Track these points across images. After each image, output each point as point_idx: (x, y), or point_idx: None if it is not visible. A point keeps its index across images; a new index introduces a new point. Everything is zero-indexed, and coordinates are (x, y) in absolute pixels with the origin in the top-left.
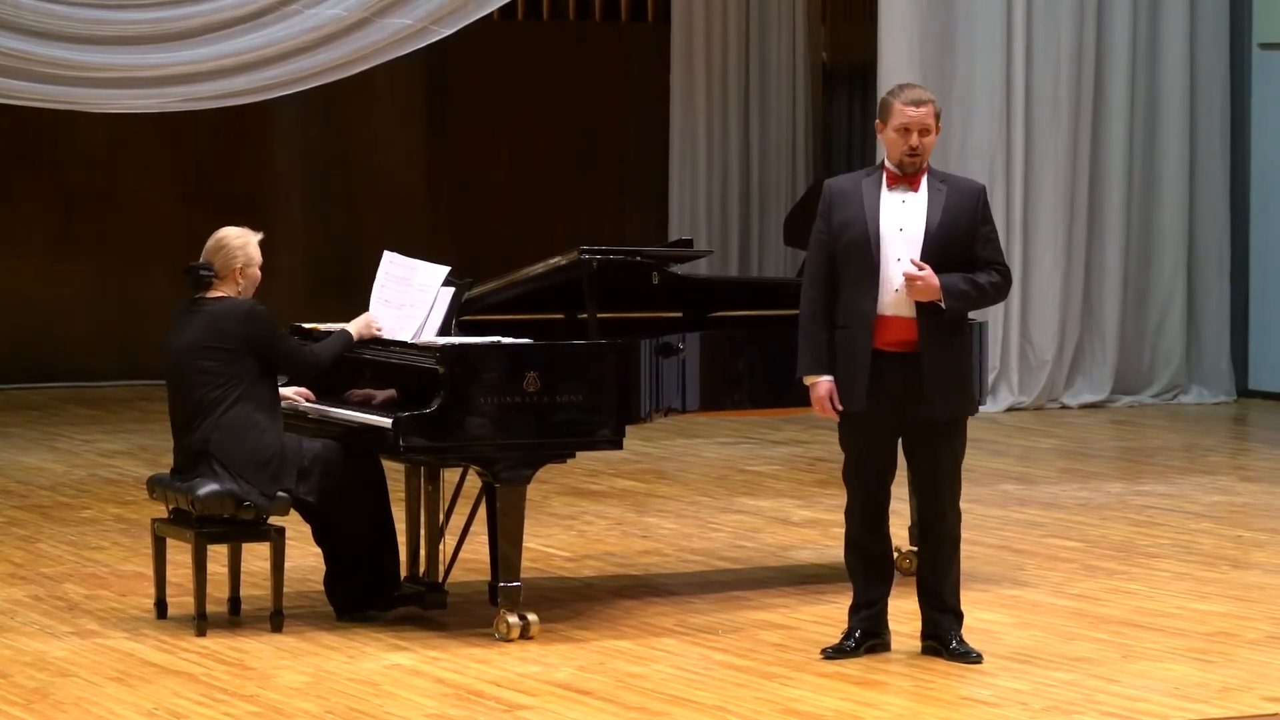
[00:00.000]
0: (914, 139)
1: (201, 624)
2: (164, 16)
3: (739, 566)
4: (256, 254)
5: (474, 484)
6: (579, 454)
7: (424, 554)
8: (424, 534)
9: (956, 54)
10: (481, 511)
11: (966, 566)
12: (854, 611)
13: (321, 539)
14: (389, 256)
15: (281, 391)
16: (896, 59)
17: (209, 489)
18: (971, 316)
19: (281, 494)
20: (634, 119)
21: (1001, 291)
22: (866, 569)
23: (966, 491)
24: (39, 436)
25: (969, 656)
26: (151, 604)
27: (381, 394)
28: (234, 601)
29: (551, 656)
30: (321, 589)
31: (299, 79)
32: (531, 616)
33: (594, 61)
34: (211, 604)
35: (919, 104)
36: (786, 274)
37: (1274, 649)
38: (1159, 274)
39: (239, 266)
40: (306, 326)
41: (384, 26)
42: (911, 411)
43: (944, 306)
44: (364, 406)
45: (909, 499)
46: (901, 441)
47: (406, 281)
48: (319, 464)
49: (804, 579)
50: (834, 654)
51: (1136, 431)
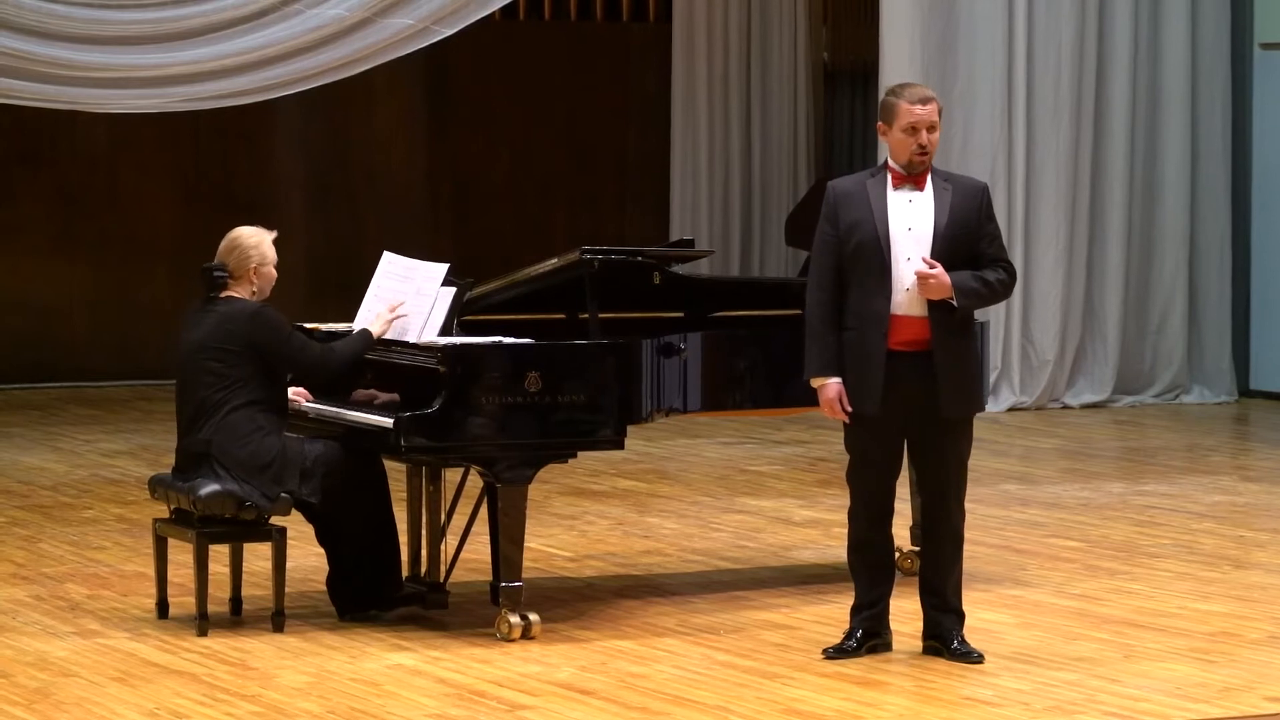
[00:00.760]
0: (923, 137)
1: (203, 624)
2: (165, 16)
3: (740, 566)
4: (271, 253)
5: (475, 484)
6: (580, 454)
7: (425, 554)
8: (425, 534)
9: (958, 54)
10: (483, 511)
11: (968, 566)
12: (856, 612)
13: (323, 539)
14: (388, 257)
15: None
16: (898, 59)
17: (210, 489)
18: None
19: (283, 495)
20: (635, 119)
21: (1008, 289)
22: (869, 569)
23: (968, 492)
24: (40, 436)
25: (970, 656)
26: (153, 604)
27: (385, 395)
28: (235, 601)
29: (553, 656)
30: (323, 589)
31: (300, 79)
32: (533, 616)
33: (595, 61)
34: (213, 604)
35: (925, 102)
36: (788, 274)
37: (1275, 649)
38: (1160, 274)
39: (253, 266)
40: (308, 326)
41: (385, 26)
42: (923, 411)
43: (955, 304)
44: (365, 406)
45: (911, 499)
46: (908, 441)
47: (407, 281)
48: (321, 465)
49: (805, 579)
50: (835, 654)
51: (1138, 431)
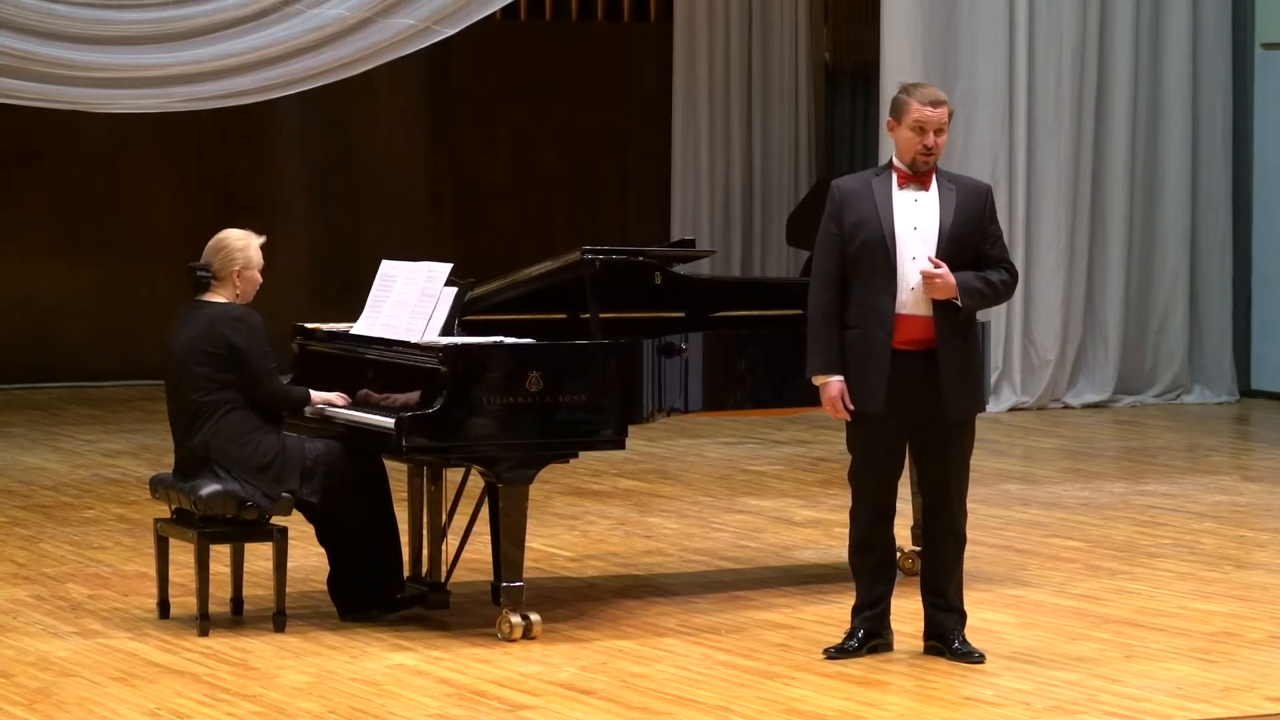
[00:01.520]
0: (929, 138)
1: (204, 624)
2: (166, 16)
3: (741, 566)
4: (257, 257)
5: (476, 484)
6: (581, 454)
7: (426, 554)
8: (426, 534)
9: (959, 54)
10: (484, 511)
11: (969, 567)
12: (857, 612)
13: (324, 539)
14: (386, 264)
15: (317, 395)
16: (899, 59)
17: (212, 489)
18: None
19: (285, 495)
20: (636, 119)
21: (1010, 290)
22: (871, 569)
23: (969, 492)
24: (41, 436)
25: (971, 656)
26: (154, 604)
27: (403, 396)
28: (236, 601)
29: (554, 656)
30: (323, 589)
31: (301, 79)
32: (534, 616)
33: (596, 61)
34: (214, 604)
35: (936, 104)
36: (789, 274)
37: (1276, 649)
38: (1161, 274)
39: (237, 269)
40: (309, 326)
41: (386, 26)
42: (927, 410)
43: (960, 304)
44: (366, 406)
45: (912, 499)
46: (910, 441)
47: (408, 283)
48: (322, 464)
49: (806, 579)
50: (837, 654)
51: (1139, 431)
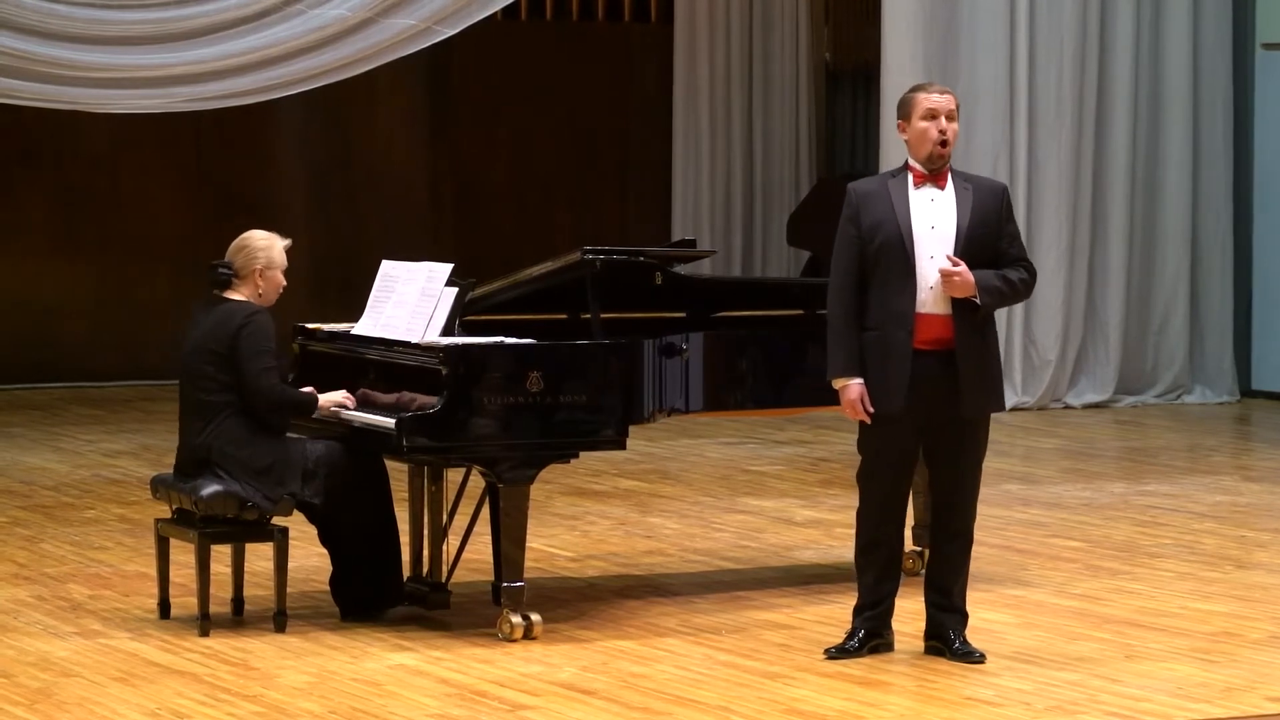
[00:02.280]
0: (942, 123)
1: (205, 624)
2: (167, 17)
3: (742, 567)
4: (280, 258)
5: (477, 484)
6: (582, 454)
7: (427, 554)
8: (427, 534)
9: (959, 54)
10: (484, 512)
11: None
12: (859, 611)
13: (326, 540)
14: (387, 265)
15: (325, 398)
16: (900, 59)
17: (212, 489)
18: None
19: (286, 496)
20: (637, 119)
21: (1029, 288)
22: (878, 570)
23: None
24: (42, 437)
25: (971, 656)
26: (155, 604)
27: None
28: (237, 602)
29: (555, 656)
30: (324, 589)
31: (302, 79)
32: (535, 616)
33: (597, 62)
34: (215, 604)
35: (943, 93)
36: (790, 274)
37: (1277, 649)
38: (1162, 274)
39: (259, 268)
40: (310, 326)
41: (387, 27)
42: (944, 410)
43: (979, 302)
44: (366, 407)
45: (915, 498)
46: (925, 441)
47: (409, 283)
48: (323, 465)
49: (807, 579)
50: (837, 654)
51: (1139, 432)
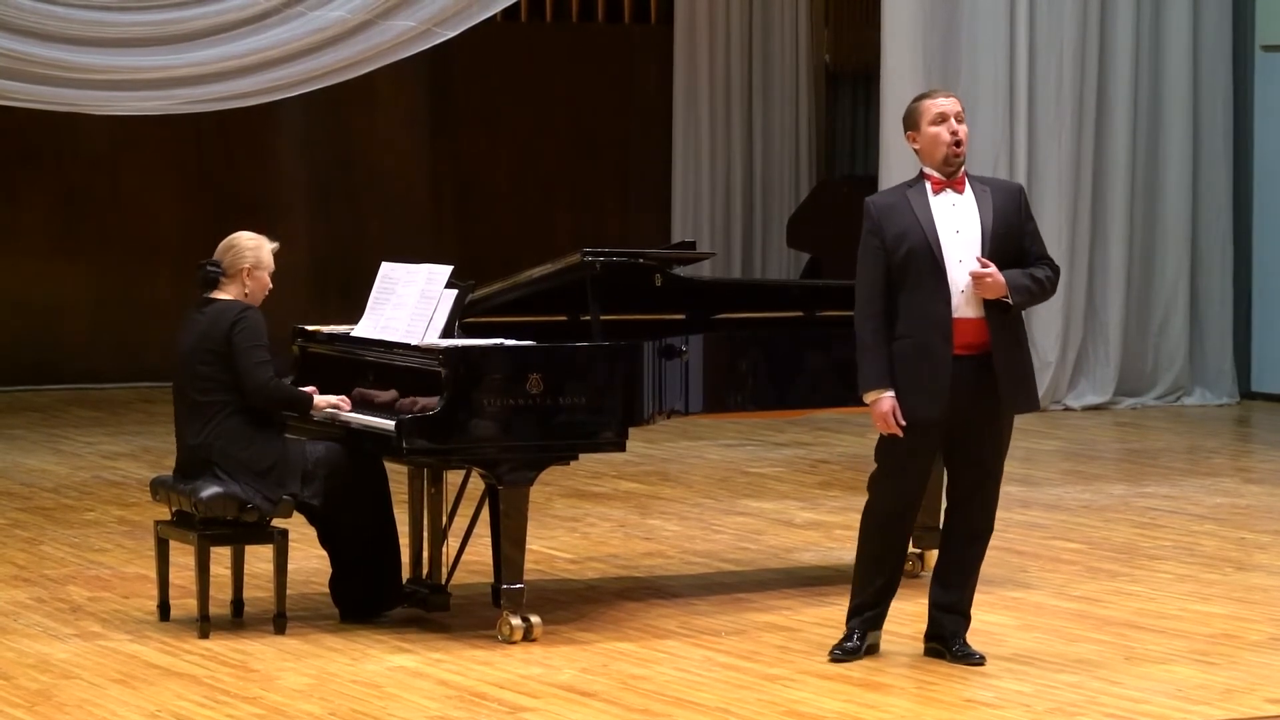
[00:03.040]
0: (953, 124)
1: (204, 626)
2: (167, 18)
3: (742, 568)
4: (268, 259)
5: (477, 486)
6: (582, 456)
7: (427, 556)
8: (427, 536)
9: (960, 56)
10: (484, 513)
11: None
12: (858, 612)
13: (326, 542)
14: (387, 266)
15: (321, 400)
16: (899, 61)
17: (212, 491)
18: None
19: (285, 497)
20: (637, 121)
21: (1054, 285)
22: (887, 576)
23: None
24: (42, 438)
25: (971, 659)
26: (154, 606)
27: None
28: (237, 604)
29: (554, 658)
30: (324, 591)
31: (302, 81)
32: (534, 618)
33: (597, 63)
34: (214, 606)
35: (948, 96)
36: (790, 276)
37: (1277, 651)
38: (1162, 276)
39: (247, 267)
40: (310, 328)
41: (387, 29)
42: (981, 412)
43: (1010, 302)
44: (364, 408)
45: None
46: (948, 439)
47: (409, 285)
48: (323, 467)
49: (807, 581)
50: (842, 656)
51: (1139, 433)
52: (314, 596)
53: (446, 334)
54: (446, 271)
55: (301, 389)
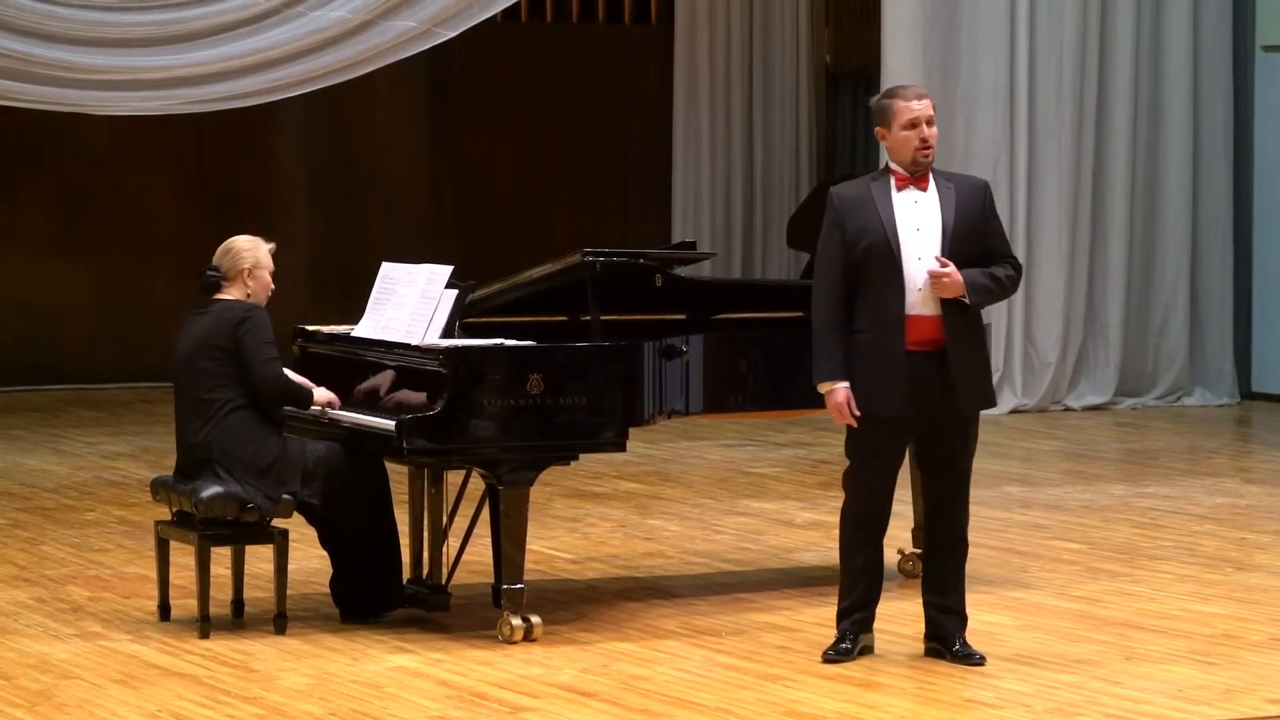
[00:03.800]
0: (924, 130)
1: (205, 626)
2: (167, 19)
3: (742, 569)
4: (266, 259)
5: (477, 486)
6: (582, 456)
7: (427, 556)
8: (427, 536)
9: (960, 56)
10: (484, 514)
11: (970, 568)
12: (847, 614)
13: (326, 542)
14: (387, 266)
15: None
16: (900, 61)
17: (212, 491)
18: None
19: (286, 497)
20: (637, 121)
21: (1016, 284)
22: (871, 574)
23: (970, 494)
24: (42, 439)
25: (972, 658)
26: (155, 606)
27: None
28: (237, 604)
29: (555, 658)
30: (324, 591)
31: (303, 81)
32: (535, 619)
33: (597, 63)
34: (215, 606)
35: (920, 98)
36: (790, 276)
37: (1277, 651)
38: (1162, 276)
39: (247, 268)
40: (310, 329)
41: (387, 29)
42: (937, 411)
43: (968, 302)
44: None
45: (914, 501)
46: (915, 444)
47: (409, 285)
48: (322, 466)
49: (807, 581)
50: (836, 657)
51: (1140, 434)
52: (314, 596)
53: (447, 334)
54: (447, 272)
55: (300, 384)
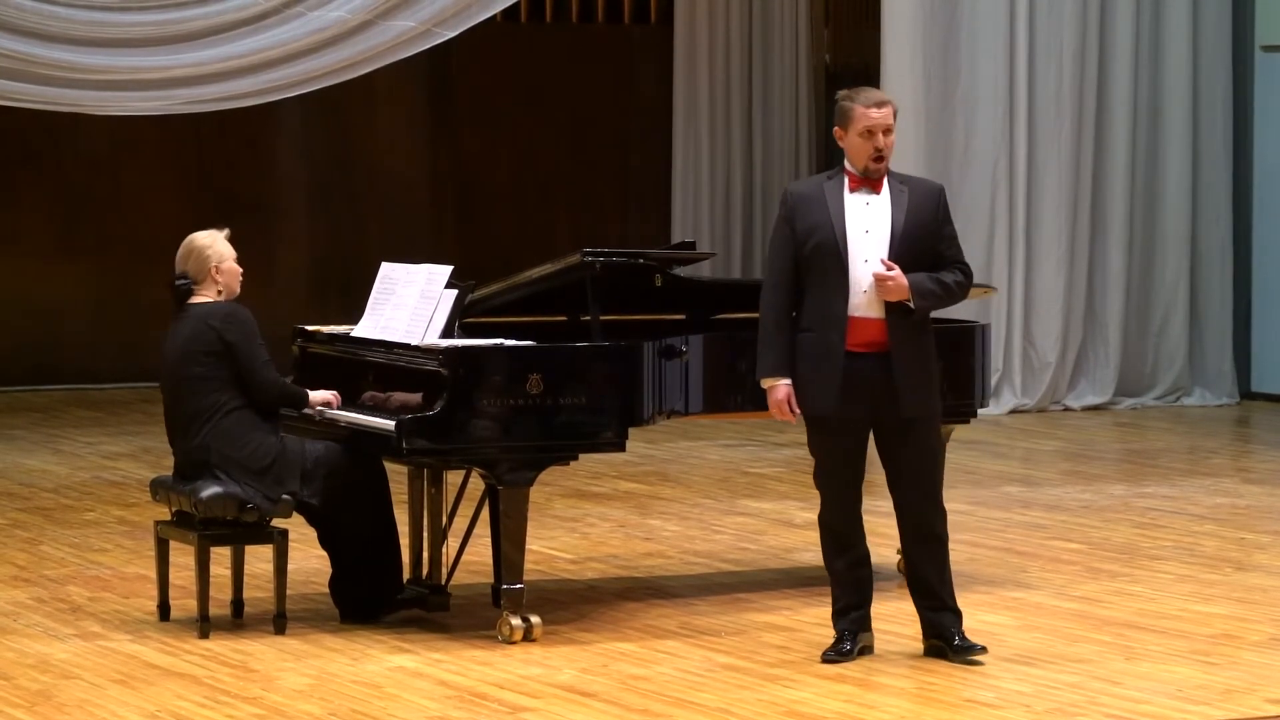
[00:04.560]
0: (879, 140)
1: (204, 626)
2: (167, 19)
3: (742, 569)
4: (227, 249)
5: (477, 486)
6: (582, 456)
7: (427, 556)
8: (427, 536)
9: (959, 57)
10: (484, 514)
11: (969, 569)
12: (843, 614)
13: (325, 542)
14: (387, 266)
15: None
16: (899, 62)
17: (212, 491)
18: (974, 318)
19: (285, 497)
20: (637, 121)
21: (965, 290)
22: (856, 572)
23: (969, 494)
24: (42, 439)
25: (973, 650)
26: (154, 606)
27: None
28: (237, 604)
29: (554, 659)
30: (323, 591)
31: (302, 81)
32: (534, 619)
33: (597, 63)
34: (214, 606)
35: (880, 105)
36: None
37: (1277, 651)
38: (1162, 276)
39: (214, 265)
40: (310, 329)
41: (387, 29)
42: (885, 412)
43: (913, 306)
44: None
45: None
46: (875, 443)
47: (409, 285)
48: (322, 466)
49: (806, 581)
50: (835, 658)
51: (1139, 434)
52: (314, 597)
53: (446, 334)
54: (446, 272)
55: (295, 387)
